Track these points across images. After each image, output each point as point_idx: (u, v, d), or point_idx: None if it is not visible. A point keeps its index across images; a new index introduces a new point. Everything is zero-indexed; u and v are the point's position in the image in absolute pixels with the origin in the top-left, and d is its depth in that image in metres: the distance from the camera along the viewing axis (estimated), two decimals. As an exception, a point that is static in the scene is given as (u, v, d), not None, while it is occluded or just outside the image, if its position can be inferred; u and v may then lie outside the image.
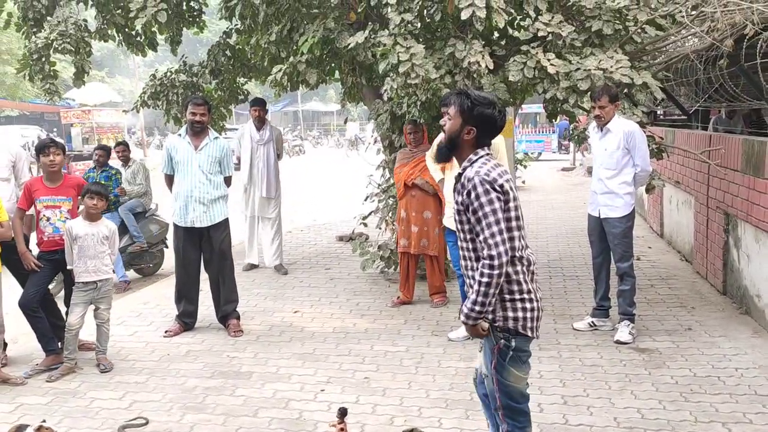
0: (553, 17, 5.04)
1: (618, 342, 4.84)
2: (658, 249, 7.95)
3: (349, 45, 5.26)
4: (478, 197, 2.53)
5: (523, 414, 2.77)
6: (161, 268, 8.05)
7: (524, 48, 5.10)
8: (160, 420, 3.87)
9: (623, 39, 5.15)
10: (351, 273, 7.23)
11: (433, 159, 3.15)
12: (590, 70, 4.80)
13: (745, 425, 3.61)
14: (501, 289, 2.59)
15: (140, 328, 5.58)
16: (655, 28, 5.22)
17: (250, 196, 7.47)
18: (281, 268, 7.43)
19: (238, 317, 5.53)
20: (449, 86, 4.94)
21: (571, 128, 9.09)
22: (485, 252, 2.51)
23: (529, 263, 2.67)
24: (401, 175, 5.88)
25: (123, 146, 7.95)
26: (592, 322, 5.17)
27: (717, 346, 4.72)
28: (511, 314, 2.62)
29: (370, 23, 5.44)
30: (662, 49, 6.34)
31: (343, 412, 3.29)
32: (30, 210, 4.81)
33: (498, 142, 5.05)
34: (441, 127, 2.84)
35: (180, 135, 5.46)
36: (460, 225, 2.66)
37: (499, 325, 2.63)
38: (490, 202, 2.52)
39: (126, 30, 7.20)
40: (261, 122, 7.40)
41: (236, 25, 7.20)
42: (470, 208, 2.57)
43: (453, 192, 2.72)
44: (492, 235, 2.51)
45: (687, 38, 6.09)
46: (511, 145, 9.96)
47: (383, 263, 6.83)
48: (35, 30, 6.79)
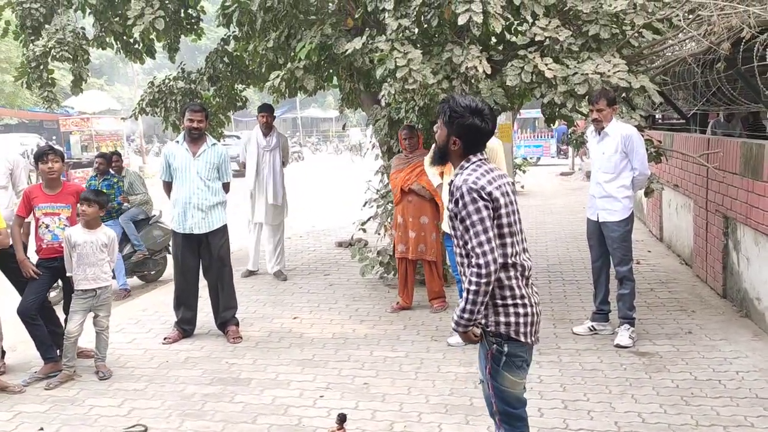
0: (550, 22, 5.05)
1: (618, 346, 4.83)
2: (658, 253, 7.95)
3: (347, 51, 5.27)
4: (466, 206, 2.53)
5: (520, 419, 2.76)
6: (164, 275, 8.03)
7: (522, 53, 5.11)
8: (159, 427, 3.86)
9: (620, 43, 5.15)
10: (350, 279, 7.22)
11: (430, 164, 3.15)
12: (588, 75, 4.81)
13: (747, 429, 3.60)
14: (493, 295, 2.58)
15: (139, 335, 5.57)
16: (653, 32, 5.23)
17: (255, 203, 7.44)
18: (281, 275, 7.42)
19: (237, 324, 5.52)
20: (447, 91, 4.94)
21: (570, 132, 9.12)
22: (473, 260, 2.51)
23: (524, 268, 2.66)
24: (397, 181, 5.87)
25: (117, 156, 7.82)
26: (592, 327, 5.16)
27: (717, 350, 4.72)
28: (503, 319, 2.61)
29: (368, 29, 5.45)
30: (660, 53, 6.36)
31: (343, 418, 3.28)
32: (28, 217, 4.80)
33: (496, 147, 5.06)
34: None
35: (178, 142, 5.46)
36: (454, 231, 2.66)
37: (492, 330, 2.63)
38: (477, 211, 2.52)
39: (124, 38, 7.22)
40: (268, 128, 7.38)
41: (234, 32, 7.20)
42: (459, 216, 2.57)
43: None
44: (480, 244, 2.50)
45: (684, 42, 6.11)
46: (510, 150, 10.02)
47: (382, 269, 6.83)
48: (33, 38, 6.79)
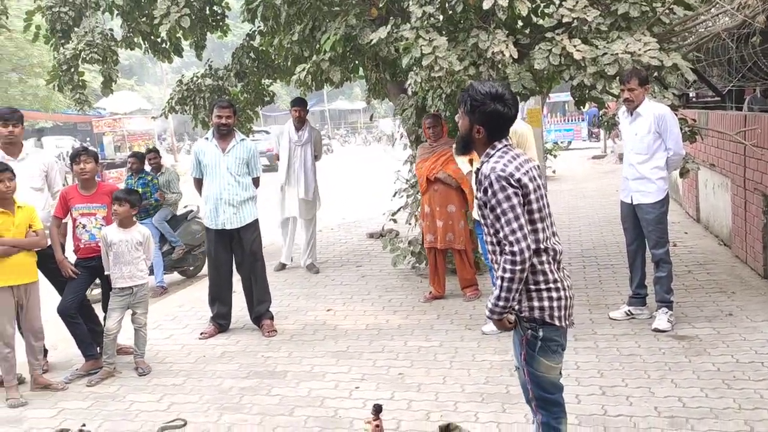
0: (578, 2, 4.94)
1: (656, 330, 4.75)
2: (695, 234, 7.78)
3: (372, 41, 5.24)
4: (495, 194, 2.50)
5: (557, 404, 2.73)
6: (202, 270, 8.07)
7: (549, 35, 5.01)
8: (198, 421, 3.91)
9: (651, 21, 5.03)
10: (382, 270, 7.22)
11: (456, 153, 3.12)
12: (618, 55, 4.70)
13: (792, 412, 3.51)
14: (526, 280, 2.56)
15: (176, 331, 5.66)
16: (684, 8, 5.10)
17: (286, 197, 7.46)
18: (313, 267, 7.46)
19: (272, 317, 5.57)
20: (473, 77, 4.88)
21: (601, 115, 8.95)
22: (507, 248, 2.49)
23: (555, 252, 2.63)
24: (423, 170, 5.84)
25: (154, 153, 8.01)
26: (629, 311, 5.08)
27: (759, 331, 4.60)
28: (537, 304, 2.59)
29: (392, 18, 5.41)
30: (692, 30, 6.19)
31: (378, 409, 3.28)
32: (65, 218, 4.89)
33: (526, 132, 4.99)
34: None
35: (207, 138, 5.51)
36: (483, 219, 2.64)
37: (525, 316, 2.61)
38: (507, 199, 2.49)
39: (151, 37, 7.28)
40: (301, 122, 7.35)
41: (259, 27, 7.23)
42: (488, 205, 2.54)
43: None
44: (512, 232, 2.48)
45: (717, 17, 5.94)
46: (540, 135, 9.87)
47: (414, 259, 6.81)
48: (63, 41, 6.90)
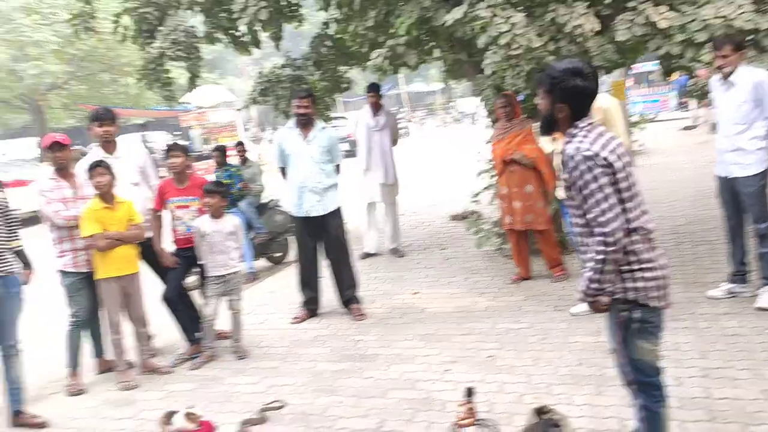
0: (663, -34, 4.73)
1: (760, 309, 4.52)
2: (799, 205, 7.31)
3: (447, 22, 5.19)
4: (582, 175, 2.45)
5: (657, 388, 2.67)
6: (289, 257, 8.28)
7: (632, 4, 4.81)
8: (295, 402, 4.06)
9: (745, -20, 4.73)
10: (467, 252, 7.19)
11: (540, 133, 3.07)
12: (707, 20, 4.46)
13: None
14: (618, 261, 2.49)
15: (269, 317, 5.86)
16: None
17: (367, 182, 7.54)
18: (397, 251, 7.51)
19: (360, 301, 5.67)
20: (553, 53, 4.76)
21: (690, 83, 8.53)
22: (597, 230, 2.44)
23: (647, 231, 2.55)
24: (498, 151, 5.76)
25: (240, 146, 8.30)
26: (730, 289, 4.85)
27: None
28: (631, 285, 2.52)
29: (467, -3, 5.33)
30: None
31: (471, 392, 3.29)
32: (162, 210, 5.14)
33: (611, 107, 4.83)
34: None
35: (289, 128, 5.63)
36: (570, 200, 2.59)
37: (620, 297, 2.54)
38: (595, 179, 2.43)
39: (231, 31, 7.48)
40: (376, 108, 7.39)
41: (334, 15, 7.29)
42: (575, 186, 2.49)
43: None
44: (602, 212, 2.42)
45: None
46: (624, 108, 9.53)
47: (500, 240, 6.74)
48: (149, 41, 7.20)
